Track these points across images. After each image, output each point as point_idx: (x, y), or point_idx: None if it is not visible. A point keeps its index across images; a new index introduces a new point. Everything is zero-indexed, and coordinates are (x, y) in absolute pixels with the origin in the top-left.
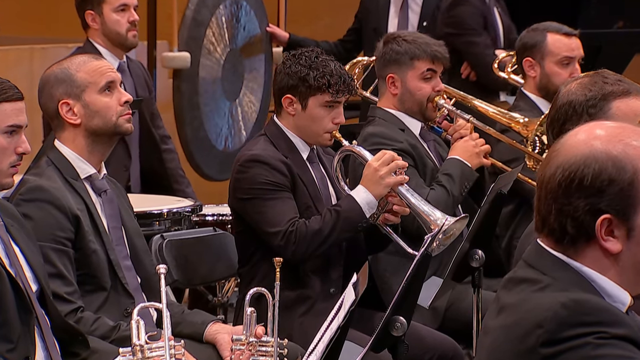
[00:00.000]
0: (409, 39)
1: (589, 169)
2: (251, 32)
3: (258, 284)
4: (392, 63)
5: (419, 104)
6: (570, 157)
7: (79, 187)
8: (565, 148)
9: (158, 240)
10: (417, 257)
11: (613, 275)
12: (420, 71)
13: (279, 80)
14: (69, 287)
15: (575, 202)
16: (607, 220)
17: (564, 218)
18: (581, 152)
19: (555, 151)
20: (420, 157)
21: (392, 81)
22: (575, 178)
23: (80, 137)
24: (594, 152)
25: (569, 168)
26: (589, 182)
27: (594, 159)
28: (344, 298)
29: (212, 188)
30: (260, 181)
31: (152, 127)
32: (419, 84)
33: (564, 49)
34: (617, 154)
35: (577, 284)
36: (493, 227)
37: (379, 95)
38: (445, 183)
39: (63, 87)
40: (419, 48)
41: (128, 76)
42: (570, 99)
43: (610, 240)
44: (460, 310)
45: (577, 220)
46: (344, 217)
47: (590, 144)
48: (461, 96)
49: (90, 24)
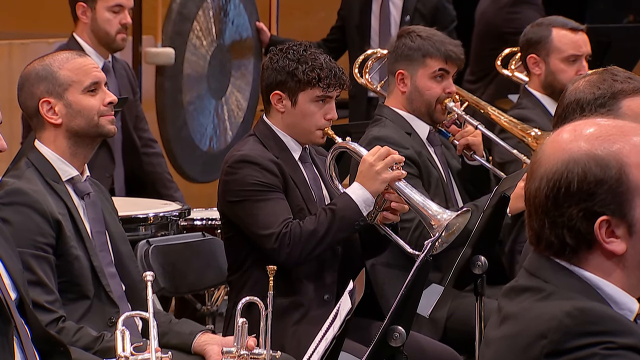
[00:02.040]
0: (424, 35)
1: (572, 174)
2: (240, 28)
3: (249, 292)
4: (403, 59)
5: (428, 104)
6: (551, 165)
7: (61, 190)
8: (545, 156)
9: (144, 245)
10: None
11: (618, 279)
12: (431, 70)
13: (267, 76)
14: (50, 296)
15: (568, 211)
16: (605, 221)
17: (560, 230)
18: (561, 158)
19: (537, 162)
20: (425, 165)
21: (402, 78)
22: (562, 186)
23: (62, 138)
24: (574, 155)
25: (552, 177)
26: (575, 187)
27: (575, 162)
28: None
29: (201, 191)
30: (250, 182)
31: (137, 130)
32: (428, 84)
33: (570, 45)
34: (598, 152)
35: (582, 292)
36: (496, 232)
37: (388, 93)
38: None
39: (44, 84)
40: (433, 45)
41: (112, 77)
42: (577, 98)
43: (614, 242)
44: (462, 320)
45: (574, 229)
46: (340, 216)
47: (570, 147)
48: (474, 101)
49: (79, 16)
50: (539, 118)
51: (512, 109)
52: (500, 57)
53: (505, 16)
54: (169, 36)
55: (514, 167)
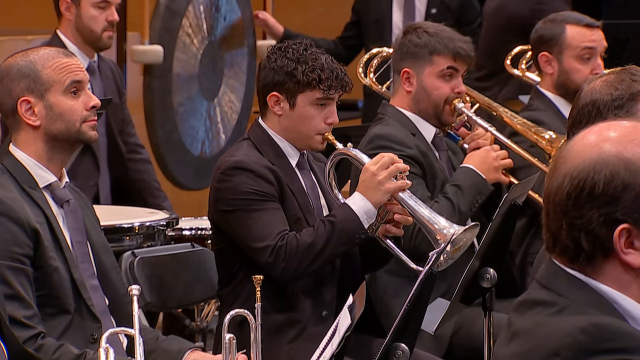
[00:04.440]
0: (431, 31)
1: (599, 175)
2: (232, 22)
3: (241, 306)
4: (408, 56)
5: (435, 105)
6: (577, 163)
7: (38, 197)
8: (572, 154)
9: (129, 257)
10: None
11: (636, 293)
12: (439, 68)
13: (264, 76)
14: (28, 310)
15: (588, 214)
16: (626, 230)
17: (576, 233)
18: (589, 157)
19: (562, 158)
20: (430, 167)
21: (407, 76)
22: (586, 187)
23: (39, 141)
24: (604, 155)
25: (577, 176)
26: (600, 189)
27: (604, 163)
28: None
29: (190, 198)
30: (244, 190)
31: (123, 135)
32: (436, 83)
33: (584, 43)
34: (629, 156)
35: (597, 306)
36: (506, 242)
37: (393, 92)
38: (452, 196)
39: (25, 82)
40: (441, 42)
41: (97, 78)
42: (594, 99)
43: (632, 253)
44: (470, 336)
45: (592, 234)
46: (339, 229)
47: (600, 147)
48: (486, 102)
49: (63, 12)
50: (551, 120)
51: (522, 110)
52: (510, 56)
53: (532, 7)
54: (157, 33)
55: (525, 173)
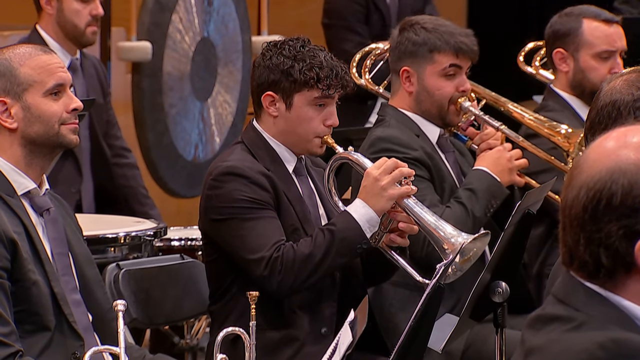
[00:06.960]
0: (429, 27)
1: (617, 185)
2: (226, 18)
3: (234, 323)
4: (407, 55)
5: (439, 106)
6: (594, 173)
7: (16, 206)
8: (588, 163)
9: (113, 270)
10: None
11: None
12: (441, 66)
13: (258, 74)
14: (5, 327)
15: (607, 227)
16: None
17: (595, 248)
18: (606, 165)
19: (578, 168)
20: (438, 169)
21: (407, 76)
22: (603, 198)
23: (17, 145)
24: (621, 164)
25: (593, 187)
26: (618, 200)
27: (622, 172)
28: (339, 340)
29: (179, 206)
30: (237, 198)
31: (108, 137)
32: (438, 82)
33: (603, 39)
34: None
35: (617, 321)
36: (519, 254)
37: (392, 93)
38: (465, 200)
39: (1, 82)
40: (441, 38)
41: (80, 77)
42: (614, 99)
43: None
44: (480, 355)
45: (612, 248)
46: (339, 238)
47: (617, 155)
48: (493, 98)
49: (43, 6)
50: (567, 122)
51: (535, 111)
52: (523, 53)
53: None
54: (145, 28)
55: (542, 178)
